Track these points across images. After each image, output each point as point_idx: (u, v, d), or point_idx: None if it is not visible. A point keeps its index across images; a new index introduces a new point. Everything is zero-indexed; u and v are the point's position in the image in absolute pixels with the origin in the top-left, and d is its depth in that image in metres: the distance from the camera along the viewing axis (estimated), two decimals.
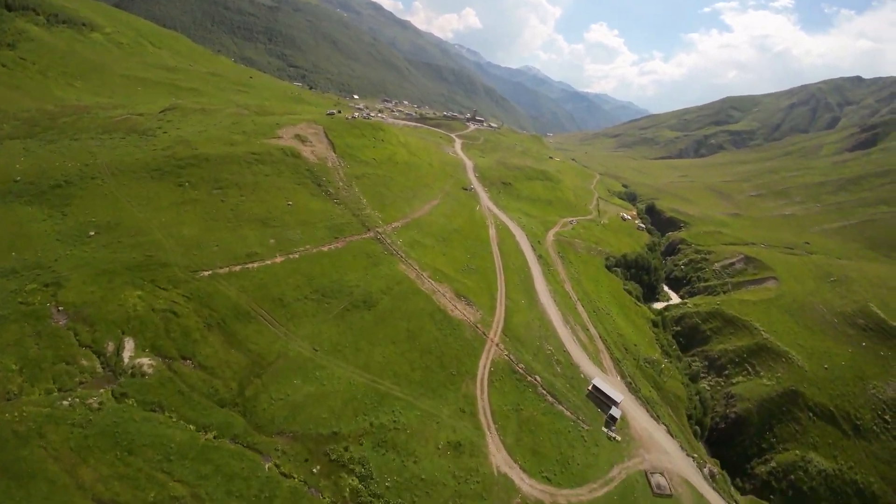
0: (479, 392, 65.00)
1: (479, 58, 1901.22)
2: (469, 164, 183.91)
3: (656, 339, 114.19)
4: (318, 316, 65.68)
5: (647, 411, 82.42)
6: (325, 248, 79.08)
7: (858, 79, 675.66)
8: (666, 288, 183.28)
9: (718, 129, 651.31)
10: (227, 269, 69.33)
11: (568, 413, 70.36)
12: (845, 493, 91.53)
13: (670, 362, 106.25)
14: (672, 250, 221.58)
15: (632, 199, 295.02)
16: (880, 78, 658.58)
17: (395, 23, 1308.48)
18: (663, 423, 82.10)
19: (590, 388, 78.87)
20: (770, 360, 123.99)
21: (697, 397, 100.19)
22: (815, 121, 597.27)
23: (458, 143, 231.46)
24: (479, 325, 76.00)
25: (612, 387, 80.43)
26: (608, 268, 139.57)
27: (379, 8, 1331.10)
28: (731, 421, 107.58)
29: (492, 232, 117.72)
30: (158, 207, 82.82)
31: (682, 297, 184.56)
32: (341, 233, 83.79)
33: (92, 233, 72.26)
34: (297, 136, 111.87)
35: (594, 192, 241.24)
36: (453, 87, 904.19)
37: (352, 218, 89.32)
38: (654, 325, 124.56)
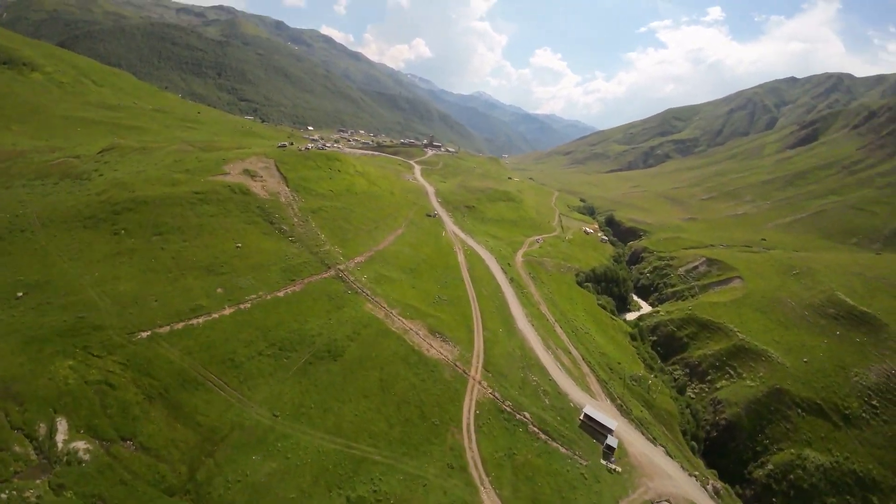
0: (466, 441, 58.30)
1: (432, 85, 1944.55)
2: (430, 189, 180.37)
3: (637, 353, 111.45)
4: (276, 374, 57.61)
5: (643, 434, 77.97)
6: (281, 294, 71.27)
7: (792, 79, 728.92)
8: (635, 297, 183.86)
9: (663, 139, 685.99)
10: (169, 327, 60.80)
11: (563, 450, 64.66)
12: (846, 483, 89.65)
13: (656, 377, 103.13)
14: (636, 259, 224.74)
15: (590, 212, 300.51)
16: (814, 76, 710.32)
17: (347, 55, 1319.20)
18: (660, 444, 77.79)
19: (581, 417, 73.74)
20: (749, 360, 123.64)
21: (688, 410, 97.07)
22: (755, 123, 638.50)
23: (417, 170, 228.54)
24: (458, 364, 69.77)
25: (604, 413, 75.63)
26: (580, 283, 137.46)
27: (330, 41, 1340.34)
28: (722, 428, 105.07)
29: (461, 258, 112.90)
30: (91, 260, 74.11)
31: (651, 305, 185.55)
32: (298, 274, 76.23)
33: (20, 293, 63.66)
34: (246, 172, 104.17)
35: (555, 209, 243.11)
36: (408, 115, 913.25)
37: (309, 256, 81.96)
38: (633, 338, 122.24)
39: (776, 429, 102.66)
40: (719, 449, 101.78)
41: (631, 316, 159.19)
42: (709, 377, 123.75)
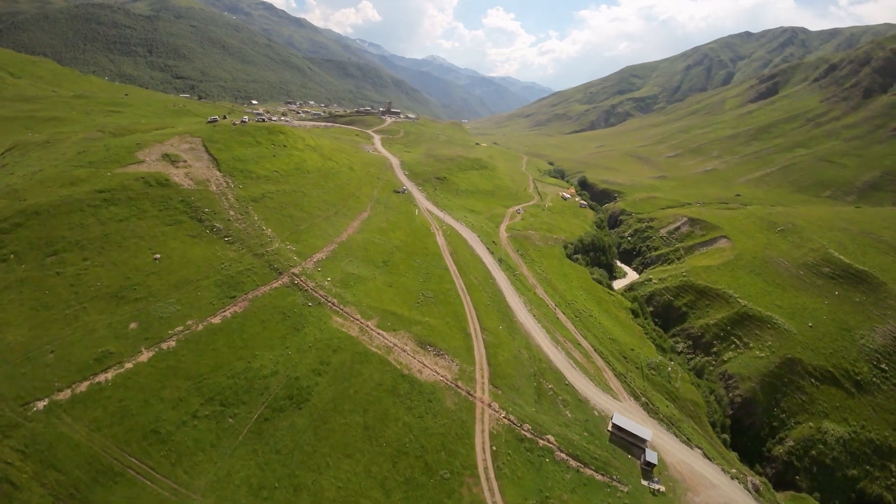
0: (487, 493, 44.50)
1: (383, 51, 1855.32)
2: (395, 161, 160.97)
3: (645, 333, 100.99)
4: (220, 444, 41.03)
5: (676, 436, 67.09)
6: (217, 319, 53.38)
7: (747, 34, 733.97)
8: (619, 263, 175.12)
9: (623, 97, 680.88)
10: (70, 390, 43.62)
11: (599, 476, 52.38)
12: (864, 454, 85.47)
13: (671, 360, 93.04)
14: (614, 222, 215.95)
15: (560, 175, 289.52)
16: (769, 30, 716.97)
17: (290, 21, 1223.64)
18: (696, 445, 67.33)
19: (610, 427, 61.74)
20: (755, 328, 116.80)
21: (713, 396, 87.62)
22: (711, 79, 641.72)
23: (377, 140, 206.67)
24: (459, 384, 55.14)
25: (633, 420, 63.95)
26: (569, 257, 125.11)
27: (270, 7, 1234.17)
28: (738, 405, 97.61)
29: (440, 240, 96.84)
30: None
31: (636, 271, 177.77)
32: (239, 288, 58.12)
33: None
34: (166, 157, 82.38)
35: (528, 175, 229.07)
36: (360, 83, 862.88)
37: (253, 260, 63.57)
38: (634, 314, 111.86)
39: (791, 401, 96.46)
40: (734, 426, 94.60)
41: (618, 284, 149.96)
42: (714, 349, 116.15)
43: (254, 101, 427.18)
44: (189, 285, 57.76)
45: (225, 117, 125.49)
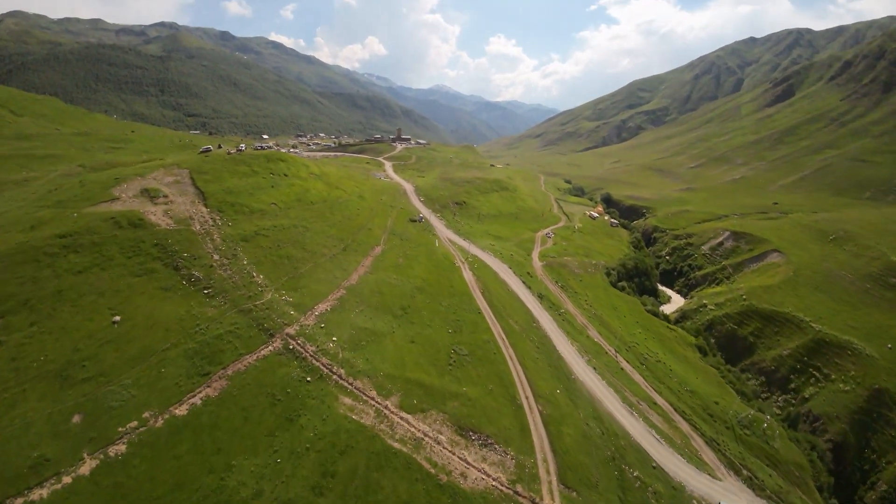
0: None
1: (390, 83, 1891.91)
2: (409, 187, 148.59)
3: (720, 375, 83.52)
4: None
5: None
6: (184, 409, 38.87)
7: (752, 39, 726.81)
8: (660, 286, 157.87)
9: (633, 111, 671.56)
10: None
11: None
12: None
13: (759, 409, 75.44)
14: (648, 240, 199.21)
15: (579, 192, 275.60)
16: (773, 34, 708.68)
17: (299, 59, 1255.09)
18: None
19: None
20: (834, 356, 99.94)
21: (814, 453, 69.70)
22: (721, 86, 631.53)
23: (388, 166, 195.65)
24: (519, 489, 39.23)
25: None
26: (613, 285, 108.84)
27: (280, 46, 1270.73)
28: (828, 451, 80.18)
29: (467, 275, 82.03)
30: None
31: (681, 294, 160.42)
32: (217, 360, 43.71)
33: None
34: (145, 192, 70.17)
35: (549, 194, 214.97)
36: (370, 114, 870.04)
37: (237, 319, 49.38)
38: (702, 352, 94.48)
39: (881, 438, 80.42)
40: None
41: (668, 309, 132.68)
42: (791, 385, 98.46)
43: (264, 136, 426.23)
44: (152, 358, 43.77)
45: (220, 146, 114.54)
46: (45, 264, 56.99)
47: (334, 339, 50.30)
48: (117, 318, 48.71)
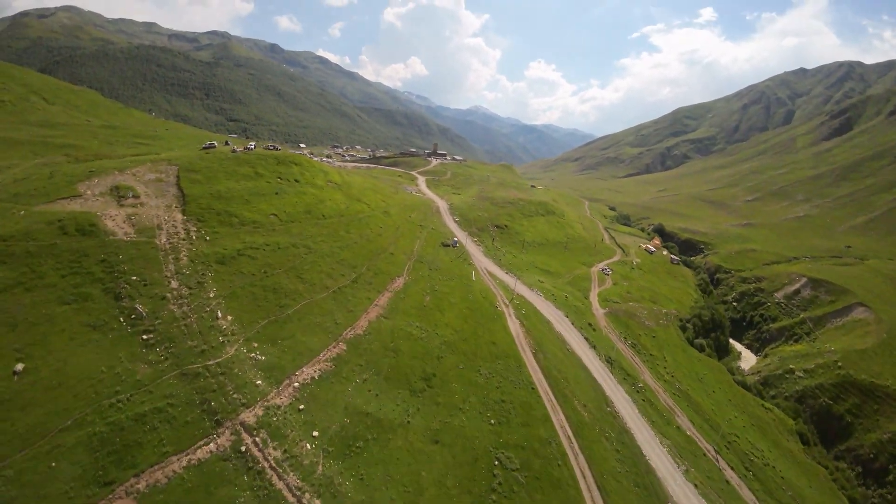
0: None
1: (429, 102, 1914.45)
2: (442, 204, 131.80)
3: (832, 478, 60.78)
4: None
5: None
6: None
7: (802, 70, 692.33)
8: (730, 340, 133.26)
9: (678, 139, 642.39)
10: None
11: None
12: None
13: None
14: (711, 282, 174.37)
15: (625, 221, 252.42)
16: (824, 66, 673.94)
17: (343, 74, 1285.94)
18: None
19: None
20: None
21: None
22: (771, 117, 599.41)
23: (421, 181, 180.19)
24: None
25: None
26: (691, 343, 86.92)
27: (326, 62, 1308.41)
28: None
29: (513, 325, 63.02)
30: None
31: (751, 350, 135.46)
32: (129, 462, 27.02)
33: None
34: (115, 190, 55.49)
35: (596, 222, 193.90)
36: (407, 130, 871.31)
37: (176, 388, 32.39)
38: (803, 440, 71.47)
39: None
40: None
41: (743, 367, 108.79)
42: (890, 477, 74.51)
43: (302, 144, 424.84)
44: (43, 441, 26.91)
45: (227, 143, 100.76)
46: None
47: (315, 434, 32.58)
48: (20, 366, 32.84)
